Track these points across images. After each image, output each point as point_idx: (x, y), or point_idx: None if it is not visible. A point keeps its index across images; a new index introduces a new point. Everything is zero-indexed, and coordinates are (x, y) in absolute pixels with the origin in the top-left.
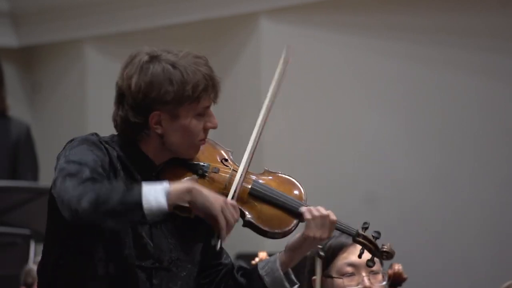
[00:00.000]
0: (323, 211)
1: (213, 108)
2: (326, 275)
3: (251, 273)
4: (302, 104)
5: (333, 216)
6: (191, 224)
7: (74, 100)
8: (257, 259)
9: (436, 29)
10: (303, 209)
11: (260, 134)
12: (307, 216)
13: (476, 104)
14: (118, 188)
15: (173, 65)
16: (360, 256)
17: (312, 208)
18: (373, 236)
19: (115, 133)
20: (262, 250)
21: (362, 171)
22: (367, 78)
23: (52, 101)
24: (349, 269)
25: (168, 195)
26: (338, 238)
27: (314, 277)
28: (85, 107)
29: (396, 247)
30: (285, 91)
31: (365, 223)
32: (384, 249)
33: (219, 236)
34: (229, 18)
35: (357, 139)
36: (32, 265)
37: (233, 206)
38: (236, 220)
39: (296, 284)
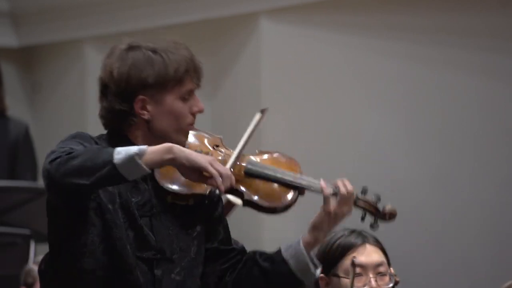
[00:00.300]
0: (343, 187)
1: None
2: (333, 274)
3: (275, 257)
4: (302, 104)
5: (351, 187)
6: (190, 211)
7: (74, 100)
8: None
9: (436, 29)
10: (322, 184)
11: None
12: (327, 192)
13: (476, 104)
14: (92, 148)
15: (153, 50)
16: (362, 219)
17: (337, 184)
18: (372, 199)
19: (111, 134)
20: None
21: (362, 171)
22: (367, 78)
23: (52, 101)
24: (357, 270)
25: (144, 152)
26: (348, 237)
27: (321, 275)
28: (85, 107)
29: (396, 247)
30: (285, 91)
31: (363, 187)
32: (387, 210)
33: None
34: (229, 18)
35: (357, 139)
36: (32, 265)
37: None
38: (229, 175)
39: (319, 266)
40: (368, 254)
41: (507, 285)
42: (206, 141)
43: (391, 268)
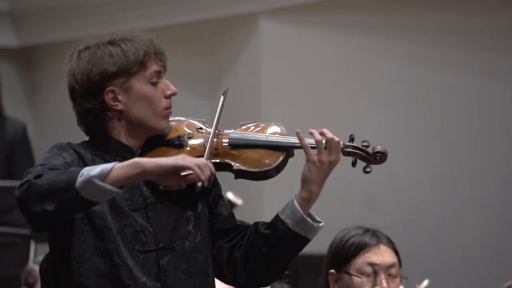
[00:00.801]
0: (317, 135)
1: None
2: (344, 271)
3: (274, 221)
4: (302, 104)
5: (330, 134)
6: (186, 196)
7: None
8: None
9: (436, 29)
10: (299, 135)
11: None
12: (303, 142)
13: (476, 104)
14: (60, 171)
15: (110, 43)
16: (353, 165)
17: (311, 132)
18: (363, 145)
19: (92, 136)
20: None
21: (361, 171)
22: (367, 78)
23: (52, 101)
24: (369, 269)
25: (108, 172)
26: (362, 236)
27: (331, 270)
28: None
29: (396, 247)
30: (285, 91)
31: (351, 135)
32: (377, 150)
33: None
34: (229, 18)
35: (357, 139)
36: (33, 265)
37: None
38: (207, 164)
39: (321, 222)
40: (382, 255)
41: (507, 285)
42: (187, 125)
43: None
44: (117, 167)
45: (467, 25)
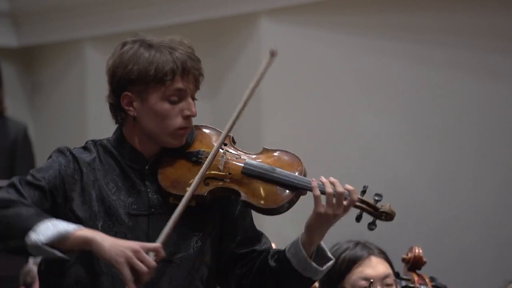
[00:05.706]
0: (336, 188)
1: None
2: (340, 287)
3: (281, 256)
4: (302, 104)
5: (340, 188)
6: (193, 214)
7: (74, 100)
8: None
9: (436, 29)
10: (313, 184)
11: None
12: (315, 193)
13: (476, 104)
14: (28, 209)
15: (149, 45)
16: (358, 220)
17: (322, 182)
18: (374, 199)
19: (115, 134)
20: None
21: (362, 171)
22: (367, 78)
23: (52, 101)
24: (364, 283)
25: (64, 237)
26: (353, 250)
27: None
28: (85, 107)
29: (396, 247)
30: (285, 91)
31: (364, 186)
32: (383, 210)
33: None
34: (229, 18)
35: (357, 139)
36: (32, 265)
37: (155, 249)
38: (152, 267)
39: (332, 259)
40: (374, 267)
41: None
42: (213, 140)
43: (419, 248)
44: (72, 238)
45: (467, 25)
